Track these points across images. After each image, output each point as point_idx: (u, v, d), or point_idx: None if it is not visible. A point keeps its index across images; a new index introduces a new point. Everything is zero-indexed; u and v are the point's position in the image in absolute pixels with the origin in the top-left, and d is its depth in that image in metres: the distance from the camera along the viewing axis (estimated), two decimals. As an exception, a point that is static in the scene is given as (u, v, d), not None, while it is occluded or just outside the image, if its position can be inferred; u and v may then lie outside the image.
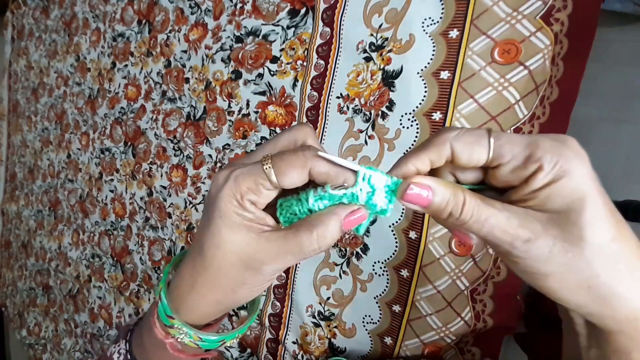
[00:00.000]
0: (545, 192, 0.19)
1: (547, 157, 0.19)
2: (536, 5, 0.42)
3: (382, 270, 0.53)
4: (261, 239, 0.22)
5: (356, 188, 0.22)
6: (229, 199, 0.22)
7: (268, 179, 0.21)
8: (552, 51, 0.43)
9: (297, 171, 0.21)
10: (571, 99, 0.44)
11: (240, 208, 0.22)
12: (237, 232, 0.22)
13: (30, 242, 1.28)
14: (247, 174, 0.22)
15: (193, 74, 0.76)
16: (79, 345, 1.10)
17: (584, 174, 0.19)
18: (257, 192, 0.22)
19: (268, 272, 0.23)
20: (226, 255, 0.23)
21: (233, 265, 0.23)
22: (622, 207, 0.95)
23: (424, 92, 0.48)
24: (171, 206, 0.81)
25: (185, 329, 0.24)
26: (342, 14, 0.55)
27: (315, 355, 0.61)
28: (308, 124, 0.26)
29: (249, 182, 0.22)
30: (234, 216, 0.22)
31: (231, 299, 0.24)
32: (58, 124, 1.14)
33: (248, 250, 0.22)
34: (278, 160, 0.21)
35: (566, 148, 0.19)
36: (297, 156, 0.21)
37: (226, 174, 0.22)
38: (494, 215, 0.20)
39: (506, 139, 0.20)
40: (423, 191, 0.21)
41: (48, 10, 1.17)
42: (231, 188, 0.22)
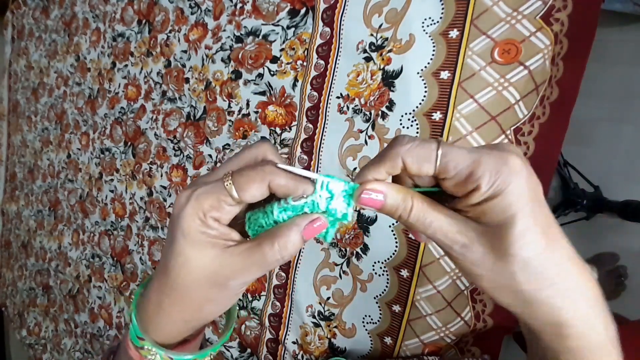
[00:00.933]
0: (481, 208, 0.21)
1: (486, 177, 0.20)
2: (536, 5, 0.42)
3: (382, 270, 0.53)
4: (225, 254, 0.23)
5: (315, 195, 0.23)
6: (192, 217, 0.22)
7: (229, 195, 0.22)
8: (552, 51, 0.43)
9: (256, 185, 0.22)
10: (571, 99, 0.44)
11: (204, 226, 0.23)
12: (201, 250, 0.23)
13: (30, 242, 1.28)
14: (209, 192, 0.23)
15: (193, 74, 0.76)
16: (79, 345, 1.10)
17: (518, 192, 0.20)
18: (220, 208, 0.23)
19: (235, 287, 0.24)
20: (191, 274, 0.23)
21: (198, 283, 0.23)
22: (622, 207, 0.95)
23: (424, 92, 0.48)
24: (171, 206, 0.81)
25: (155, 349, 0.25)
26: (342, 14, 0.55)
27: (315, 355, 0.61)
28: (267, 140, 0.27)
29: (211, 199, 0.22)
30: (198, 234, 0.23)
31: (198, 316, 0.25)
32: (58, 124, 1.14)
33: (213, 267, 0.23)
34: (238, 176, 0.23)
35: (506, 166, 0.20)
36: (256, 171, 0.23)
37: (188, 194, 0.23)
38: (437, 220, 0.22)
39: (452, 156, 0.21)
40: (377, 195, 0.23)
41: (48, 10, 1.17)
42: (193, 207, 0.22)
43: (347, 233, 0.56)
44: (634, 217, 0.93)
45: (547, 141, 0.45)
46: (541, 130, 0.45)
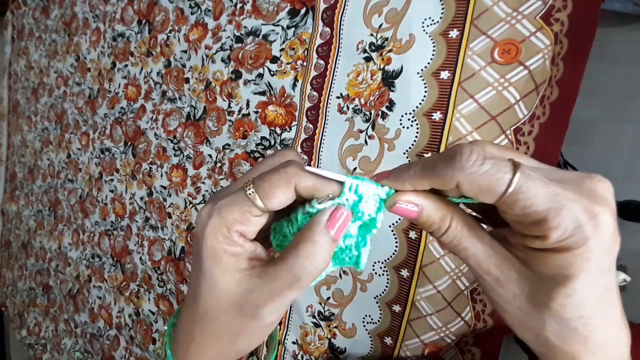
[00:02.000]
0: (537, 254, 0.18)
1: (560, 229, 0.17)
2: (536, 5, 0.42)
3: (382, 270, 0.53)
4: (252, 277, 0.20)
5: (342, 198, 0.20)
6: (215, 235, 0.20)
7: (254, 205, 0.20)
8: (552, 51, 0.43)
9: (282, 190, 0.20)
10: (571, 99, 0.44)
11: (229, 242, 0.20)
12: (227, 272, 0.20)
13: (30, 242, 1.28)
14: (231, 204, 0.20)
15: (193, 74, 0.76)
16: (79, 345, 1.10)
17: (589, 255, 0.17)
18: (245, 221, 0.20)
19: (266, 316, 0.21)
20: (219, 300, 0.21)
21: (227, 311, 0.21)
22: (622, 207, 0.95)
23: (424, 92, 0.48)
24: (171, 206, 0.81)
25: None
26: (342, 14, 0.55)
27: (315, 355, 0.61)
28: (291, 148, 0.25)
29: (234, 212, 0.20)
30: (222, 253, 0.20)
31: (233, 349, 0.23)
32: (58, 124, 1.14)
33: (239, 292, 0.20)
34: (260, 182, 0.20)
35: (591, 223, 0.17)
36: (280, 175, 0.20)
37: (209, 209, 0.21)
38: (474, 247, 0.20)
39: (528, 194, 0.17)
40: (412, 207, 0.20)
41: (48, 10, 1.17)
42: (215, 222, 0.20)
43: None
44: (634, 217, 0.93)
45: (547, 141, 0.45)
46: (541, 130, 0.45)
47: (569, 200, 0.17)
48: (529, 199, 0.17)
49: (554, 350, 0.19)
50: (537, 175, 0.18)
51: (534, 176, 0.18)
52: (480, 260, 0.20)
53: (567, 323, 0.18)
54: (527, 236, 0.18)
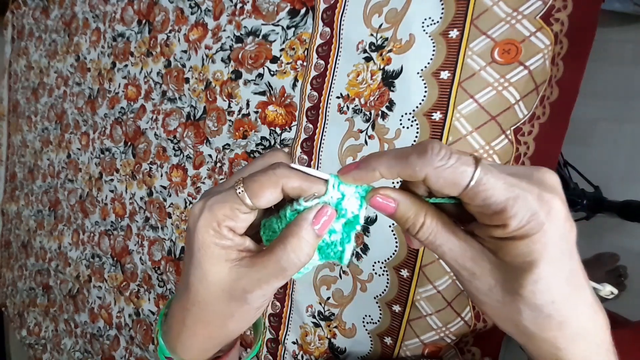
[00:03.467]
0: (500, 243, 0.20)
1: (518, 217, 0.18)
2: (536, 5, 0.42)
3: (382, 270, 0.53)
4: (241, 266, 0.22)
5: (327, 196, 0.22)
6: (206, 229, 0.22)
7: (243, 203, 0.21)
8: (552, 51, 0.43)
9: (270, 190, 0.21)
10: (571, 99, 0.44)
11: (218, 236, 0.22)
12: (217, 263, 0.22)
13: (30, 242, 1.28)
14: (221, 201, 0.22)
15: (193, 74, 0.76)
16: (79, 345, 1.10)
17: (547, 240, 0.19)
18: (234, 217, 0.22)
19: (254, 301, 0.23)
20: (210, 288, 0.22)
21: (217, 298, 0.23)
22: (622, 207, 0.95)
23: (424, 92, 0.48)
24: (171, 206, 0.81)
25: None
26: (342, 14, 0.55)
27: (315, 355, 0.61)
28: (280, 148, 0.26)
29: (224, 209, 0.22)
30: (212, 246, 0.22)
31: (223, 333, 0.24)
32: (58, 124, 1.14)
33: (229, 280, 0.22)
34: (249, 182, 0.22)
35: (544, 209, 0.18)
36: (268, 175, 0.21)
37: (201, 205, 0.22)
38: (448, 243, 0.21)
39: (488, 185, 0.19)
40: (389, 202, 0.22)
41: (48, 10, 1.17)
42: (206, 218, 0.22)
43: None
44: (634, 217, 0.93)
45: (547, 141, 0.45)
46: (541, 130, 0.45)
47: (523, 190, 0.19)
48: (488, 190, 0.19)
49: (533, 339, 0.20)
50: (495, 169, 0.19)
51: (493, 169, 0.19)
52: (455, 256, 0.21)
53: (541, 309, 0.19)
54: (490, 226, 0.20)
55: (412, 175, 0.20)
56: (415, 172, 0.20)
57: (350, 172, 0.22)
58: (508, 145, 0.46)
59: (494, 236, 0.20)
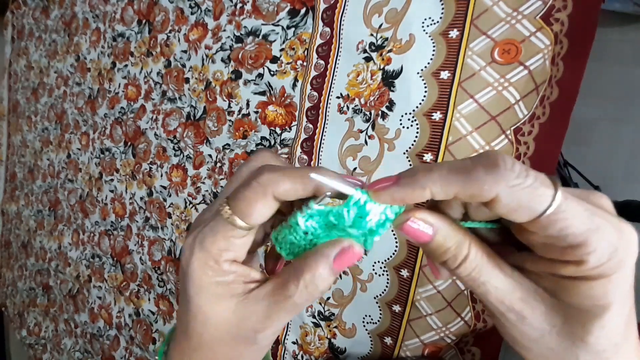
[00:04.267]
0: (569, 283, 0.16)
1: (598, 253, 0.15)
2: (536, 5, 0.42)
3: (382, 270, 0.53)
4: (248, 302, 0.20)
5: (343, 208, 0.19)
6: (202, 270, 0.19)
7: (235, 227, 0.18)
8: (552, 51, 0.43)
9: (260, 204, 0.18)
10: (571, 99, 0.44)
11: (218, 274, 0.19)
12: (219, 303, 0.19)
13: (30, 242, 1.28)
14: (211, 234, 0.19)
15: (193, 74, 0.76)
16: (79, 345, 1.10)
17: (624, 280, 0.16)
18: (231, 247, 0.19)
19: (264, 339, 0.20)
20: (214, 333, 0.20)
21: (223, 342, 0.20)
22: (622, 207, 0.95)
23: (424, 92, 0.48)
24: (171, 206, 0.81)
25: None
26: (342, 14, 0.55)
27: (315, 355, 0.61)
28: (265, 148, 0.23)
29: (217, 241, 0.19)
30: (212, 287, 0.19)
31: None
32: (58, 124, 1.14)
33: (235, 320, 0.20)
34: (234, 201, 0.18)
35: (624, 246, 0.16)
36: (252, 188, 0.18)
37: (191, 243, 0.19)
38: (495, 280, 0.18)
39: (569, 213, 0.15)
40: (425, 228, 0.18)
41: (48, 10, 1.17)
42: (199, 258, 0.19)
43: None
44: (634, 217, 0.93)
45: (547, 141, 0.45)
46: (541, 130, 0.45)
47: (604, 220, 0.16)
48: (568, 219, 0.15)
49: None
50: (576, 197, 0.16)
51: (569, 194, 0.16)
52: (502, 295, 0.17)
53: (601, 354, 0.17)
54: (557, 262, 0.16)
55: (477, 195, 0.16)
56: (482, 192, 0.16)
57: (387, 190, 0.18)
58: (508, 145, 0.46)
59: (561, 274, 0.17)
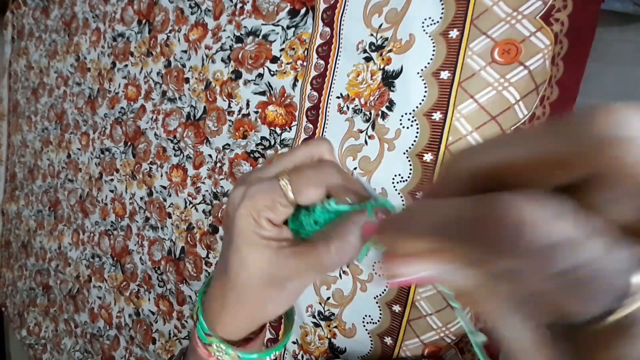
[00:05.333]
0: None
1: None
2: (536, 5, 0.42)
3: (382, 270, 0.53)
4: (280, 256, 0.22)
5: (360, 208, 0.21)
6: (246, 217, 0.21)
7: (285, 196, 0.21)
8: (552, 51, 0.43)
9: (314, 189, 0.21)
10: (571, 99, 0.44)
11: (258, 226, 0.21)
12: (256, 250, 0.22)
13: (30, 242, 1.28)
14: (264, 191, 0.21)
15: (193, 74, 0.76)
16: (79, 345, 1.10)
17: None
18: (274, 209, 0.21)
19: (293, 288, 0.23)
20: (249, 273, 0.22)
21: (257, 283, 0.23)
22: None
23: (424, 92, 0.48)
24: (171, 206, 0.81)
25: (223, 346, 0.24)
26: (342, 14, 0.55)
27: (315, 355, 0.61)
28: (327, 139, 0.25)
29: (266, 199, 0.21)
30: (252, 235, 0.22)
31: (261, 315, 0.25)
32: (58, 124, 1.14)
33: (269, 268, 0.22)
34: (295, 176, 0.21)
35: None
36: (316, 173, 0.21)
37: (242, 191, 0.22)
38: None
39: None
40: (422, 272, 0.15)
41: (48, 10, 1.17)
42: (247, 207, 0.21)
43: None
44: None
45: (547, 141, 0.45)
46: (541, 130, 0.45)
47: None
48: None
49: None
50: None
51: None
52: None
53: None
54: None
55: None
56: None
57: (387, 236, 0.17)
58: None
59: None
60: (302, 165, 0.22)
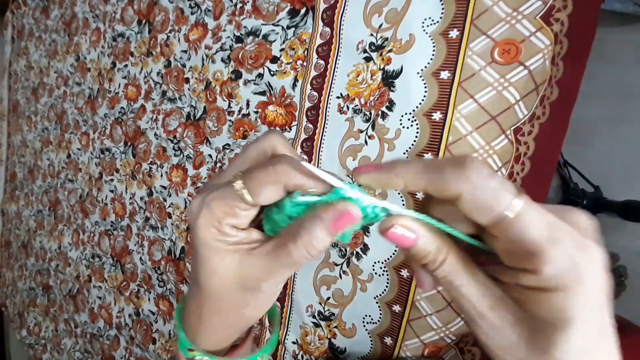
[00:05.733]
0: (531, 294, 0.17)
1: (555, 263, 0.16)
2: (536, 5, 0.42)
3: (382, 270, 0.53)
4: (250, 258, 0.21)
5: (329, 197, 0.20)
6: (207, 227, 0.21)
7: (242, 200, 0.20)
8: (552, 51, 0.43)
9: (270, 188, 0.20)
10: (571, 99, 0.44)
11: (221, 234, 0.21)
12: (224, 257, 0.21)
13: (30, 242, 1.28)
14: (219, 198, 0.21)
15: (193, 74, 0.76)
16: (79, 345, 1.10)
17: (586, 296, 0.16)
18: (234, 215, 0.21)
19: (267, 288, 0.23)
20: (221, 282, 0.22)
21: (230, 290, 0.22)
22: (622, 207, 0.95)
23: (424, 92, 0.48)
24: (171, 206, 0.81)
25: (206, 357, 0.24)
26: (342, 14, 0.55)
27: (315, 355, 0.61)
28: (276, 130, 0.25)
29: (223, 206, 0.20)
30: (216, 243, 0.21)
31: (240, 321, 0.25)
32: (58, 124, 1.14)
33: (240, 272, 0.22)
34: (248, 180, 0.20)
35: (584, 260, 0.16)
36: (268, 172, 0.20)
37: (199, 202, 0.21)
38: (469, 286, 0.19)
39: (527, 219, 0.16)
40: (408, 234, 0.19)
41: (48, 10, 1.17)
42: (205, 216, 0.21)
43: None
44: (634, 217, 0.93)
45: (547, 141, 0.45)
46: (541, 130, 0.45)
47: (564, 233, 0.16)
48: (526, 226, 0.16)
49: None
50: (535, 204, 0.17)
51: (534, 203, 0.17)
52: (474, 301, 0.19)
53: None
54: (518, 271, 0.18)
55: (443, 190, 0.17)
56: (448, 187, 0.17)
57: (369, 173, 0.20)
58: (508, 145, 0.46)
59: (522, 284, 0.18)
60: (254, 165, 0.21)
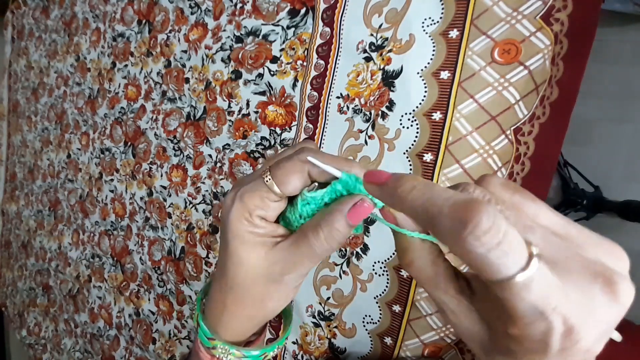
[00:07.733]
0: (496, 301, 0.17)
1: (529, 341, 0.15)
2: (536, 5, 0.42)
3: (382, 270, 0.53)
4: (275, 251, 0.23)
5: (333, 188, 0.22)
6: (239, 219, 0.23)
7: (271, 191, 0.22)
8: (552, 51, 0.43)
9: (296, 176, 0.22)
10: (571, 99, 0.44)
11: (251, 225, 0.23)
12: (252, 249, 0.23)
13: (30, 242, 1.28)
14: (251, 191, 0.23)
15: (193, 74, 0.76)
16: (79, 345, 1.10)
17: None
18: (265, 206, 0.22)
19: (290, 281, 0.24)
20: (247, 273, 0.24)
21: (255, 282, 0.24)
22: (622, 207, 0.95)
23: (424, 92, 0.48)
24: (171, 206, 0.81)
25: (227, 347, 0.25)
26: (342, 14, 0.55)
27: (315, 355, 0.61)
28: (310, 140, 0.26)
29: (255, 198, 0.22)
30: (246, 235, 0.23)
31: (262, 312, 0.26)
32: (58, 124, 1.14)
33: (266, 264, 0.23)
34: (275, 170, 0.22)
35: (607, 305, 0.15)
36: (293, 162, 0.22)
37: (232, 196, 0.23)
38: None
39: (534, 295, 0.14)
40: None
41: (48, 10, 1.17)
42: (238, 209, 0.23)
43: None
44: (634, 217, 0.93)
45: (547, 141, 0.45)
46: (541, 130, 0.45)
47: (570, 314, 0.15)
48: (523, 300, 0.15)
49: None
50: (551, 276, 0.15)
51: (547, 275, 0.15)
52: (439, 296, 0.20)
53: None
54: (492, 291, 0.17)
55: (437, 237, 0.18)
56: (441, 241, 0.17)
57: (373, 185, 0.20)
58: (508, 145, 0.46)
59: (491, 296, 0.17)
60: (281, 158, 0.23)
